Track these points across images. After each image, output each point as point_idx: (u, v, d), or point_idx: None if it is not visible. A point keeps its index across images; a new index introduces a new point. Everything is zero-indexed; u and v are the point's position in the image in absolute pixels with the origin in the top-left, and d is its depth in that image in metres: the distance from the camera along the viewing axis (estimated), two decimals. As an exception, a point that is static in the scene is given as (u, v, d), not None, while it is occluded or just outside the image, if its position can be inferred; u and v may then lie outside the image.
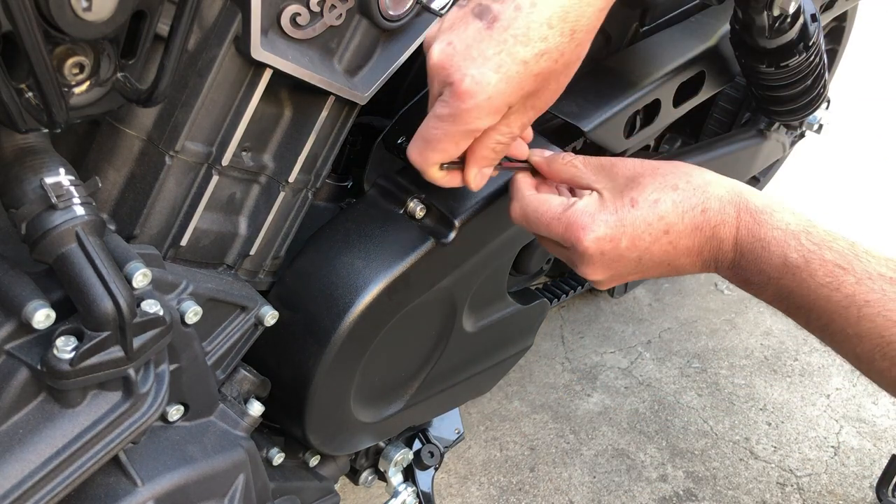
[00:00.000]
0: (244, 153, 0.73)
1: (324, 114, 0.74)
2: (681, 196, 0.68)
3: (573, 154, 0.76)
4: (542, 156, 0.77)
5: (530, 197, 0.74)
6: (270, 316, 0.80)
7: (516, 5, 0.61)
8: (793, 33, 1.06)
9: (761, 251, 0.66)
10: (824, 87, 1.21)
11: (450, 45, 0.63)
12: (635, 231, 0.68)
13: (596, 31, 0.66)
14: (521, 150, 0.76)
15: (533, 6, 0.61)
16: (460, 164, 0.71)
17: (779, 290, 0.66)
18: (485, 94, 0.62)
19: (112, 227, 0.68)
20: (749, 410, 1.71)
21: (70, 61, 0.55)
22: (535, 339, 1.15)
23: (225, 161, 0.70)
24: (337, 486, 1.04)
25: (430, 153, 0.67)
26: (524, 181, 0.75)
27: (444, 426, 1.20)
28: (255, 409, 0.81)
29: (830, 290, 0.63)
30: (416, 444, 1.16)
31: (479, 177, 0.72)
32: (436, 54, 0.64)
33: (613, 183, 0.71)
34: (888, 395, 0.67)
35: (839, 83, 1.61)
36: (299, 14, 0.66)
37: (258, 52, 0.64)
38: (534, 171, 0.77)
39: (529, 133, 0.77)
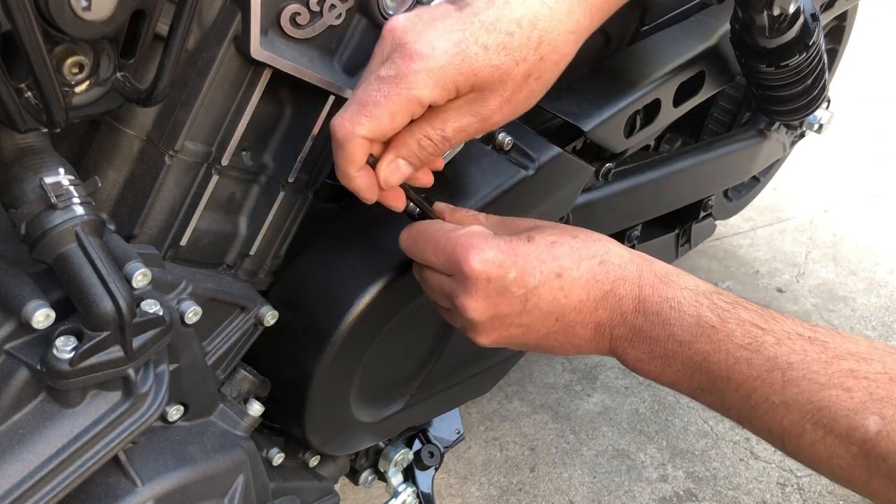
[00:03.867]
0: (244, 153, 0.73)
1: (324, 114, 0.74)
2: (580, 244, 0.64)
3: (475, 211, 0.75)
4: (447, 206, 0.75)
5: (424, 223, 0.71)
6: (270, 316, 0.80)
7: (489, 0, 0.60)
8: (793, 33, 1.06)
9: (670, 311, 0.60)
10: (824, 86, 1.21)
11: (416, 16, 0.61)
12: (527, 264, 0.63)
13: (566, 58, 0.64)
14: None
15: (506, 4, 0.60)
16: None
17: (690, 357, 0.59)
18: (436, 61, 0.59)
19: (112, 226, 0.68)
20: (749, 410, 1.71)
21: (70, 61, 0.55)
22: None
23: (225, 161, 0.70)
24: (337, 487, 1.04)
25: (362, 118, 0.61)
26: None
27: (444, 426, 1.20)
28: (255, 409, 0.81)
29: (751, 353, 0.57)
30: (416, 445, 1.16)
31: (393, 168, 0.65)
32: (398, 20, 0.61)
33: (513, 232, 0.68)
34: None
35: (839, 83, 1.61)
36: (299, 14, 0.66)
37: (258, 51, 0.64)
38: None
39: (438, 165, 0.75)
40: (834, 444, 0.54)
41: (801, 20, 1.05)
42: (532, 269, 0.63)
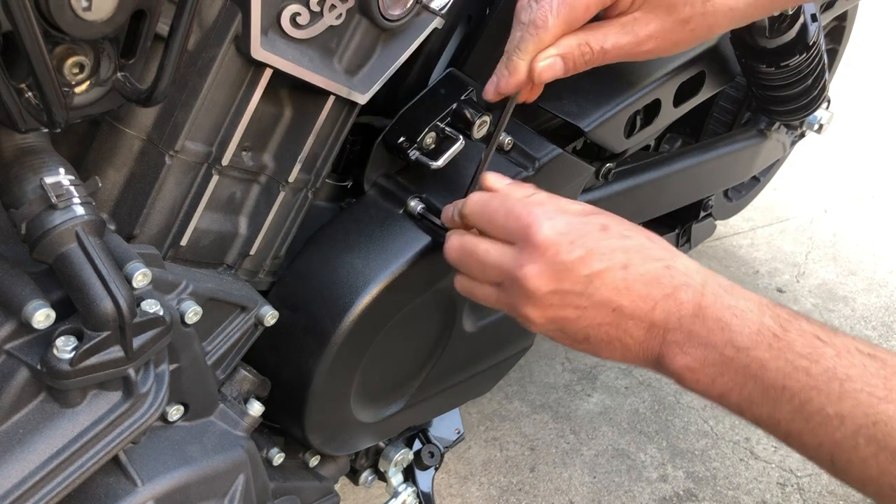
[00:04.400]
0: (244, 153, 0.73)
1: (324, 114, 0.74)
2: (651, 245, 0.64)
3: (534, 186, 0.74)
4: (501, 177, 0.74)
5: (491, 193, 0.71)
6: (270, 316, 0.80)
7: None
8: (793, 33, 1.06)
9: (731, 318, 0.59)
10: (824, 87, 1.21)
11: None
12: (596, 246, 0.63)
13: (719, 29, 0.71)
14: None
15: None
16: None
17: (747, 365, 0.58)
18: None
19: (112, 226, 0.68)
20: (749, 410, 1.71)
21: (70, 61, 0.55)
22: (535, 339, 1.15)
23: (225, 161, 0.70)
24: (337, 487, 1.04)
25: (562, 7, 0.68)
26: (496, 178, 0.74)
27: (444, 426, 1.20)
28: (255, 409, 0.81)
29: (810, 362, 0.56)
30: (417, 445, 1.16)
31: (551, 64, 0.71)
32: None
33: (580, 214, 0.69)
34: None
35: (839, 83, 1.61)
36: (299, 14, 0.66)
37: (258, 51, 0.64)
38: None
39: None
40: (887, 462, 0.53)
41: (801, 20, 1.05)
42: (601, 254, 0.63)
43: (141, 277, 0.60)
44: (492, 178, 0.74)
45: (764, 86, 1.17)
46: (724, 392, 0.60)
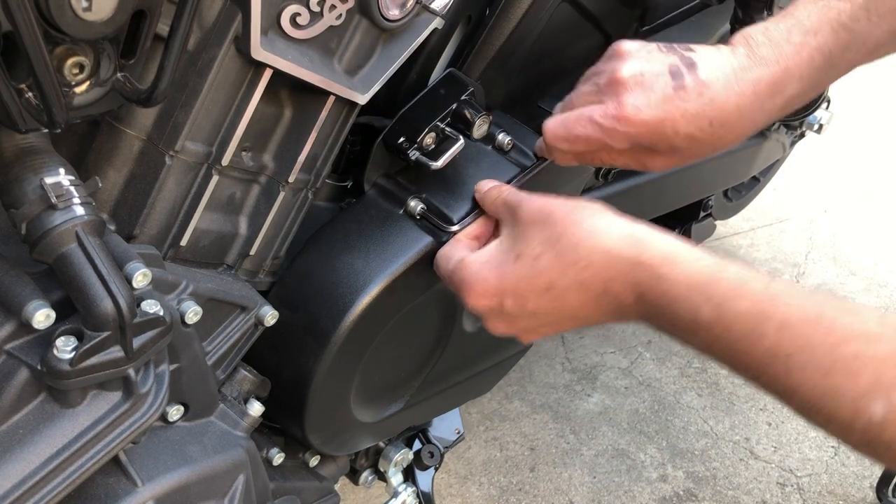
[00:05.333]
0: (244, 153, 0.73)
1: (324, 114, 0.74)
2: (561, 251, 0.64)
3: (508, 187, 0.76)
4: (483, 187, 0.79)
5: (440, 255, 0.76)
6: (270, 316, 0.80)
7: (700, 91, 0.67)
8: (793, 33, 1.06)
9: (667, 307, 0.59)
10: (824, 87, 1.21)
11: (640, 77, 0.68)
12: (517, 288, 0.65)
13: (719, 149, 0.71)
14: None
15: (711, 102, 0.67)
16: None
17: (696, 346, 0.59)
18: (643, 122, 0.67)
19: (112, 227, 0.68)
20: (749, 410, 1.71)
21: (70, 61, 0.55)
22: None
23: (225, 161, 0.70)
24: (337, 487, 1.04)
25: (571, 138, 0.70)
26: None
27: (444, 426, 1.20)
28: (255, 409, 0.81)
29: (750, 344, 0.55)
30: (417, 445, 1.16)
31: (562, 155, 0.75)
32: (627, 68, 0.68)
33: (512, 229, 0.70)
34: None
35: (839, 83, 1.61)
36: (299, 14, 0.66)
37: (258, 52, 0.64)
38: None
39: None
40: (837, 433, 0.53)
41: (801, 20, 1.05)
42: (524, 292, 0.65)
43: (141, 277, 0.60)
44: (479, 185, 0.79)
45: (764, 86, 1.17)
46: (699, 352, 0.62)
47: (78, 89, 0.56)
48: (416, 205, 0.83)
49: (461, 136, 0.82)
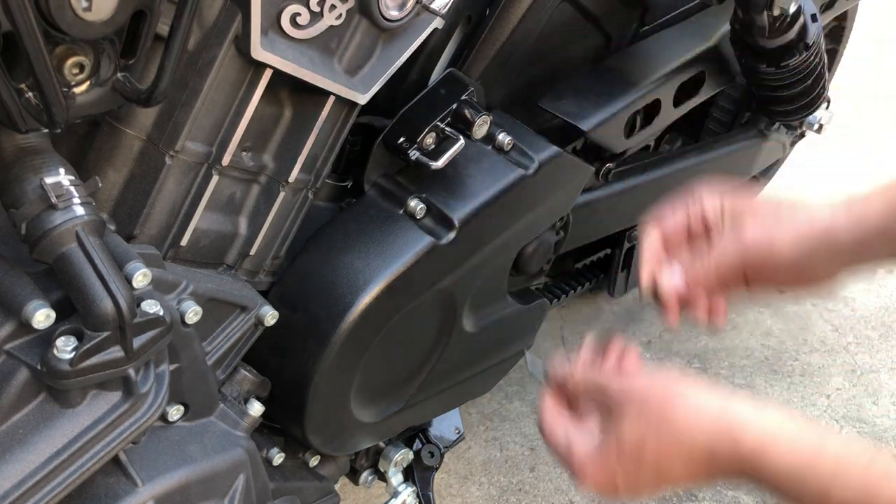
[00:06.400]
0: (244, 153, 0.73)
1: (324, 114, 0.74)
2: (665, 440, 0.66)
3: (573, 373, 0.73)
4: (559, 375, 0.74)
5: (545, 422, 0.73)
6: (270, 316, 0.80)
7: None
8: (792, 33, 1.06)
9: (771, 489, 0.62)
10: (824, 87, 1.21)
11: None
12: (627, 480, 0.68)
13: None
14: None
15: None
16: None
17: None
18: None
19: (112, 227, 0.68)
20: (749, 410, 1.71)
21: (70, 61, 0.55)
22: (534, 339, 1.15)
23: (225, 161, 0.70)
24: (337, 487, 1.04)
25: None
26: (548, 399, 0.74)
27: (444, 426, 1.20)
28: (255, 409, 0.81)
29: None
30: (417, 445, 1.16)
31: (668, 275, 0.79)
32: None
33: (607, 415, 0.70)
34: (888, 395, 0.62)
35: (839, 83, 1.61)
36: (299, 14, 0.66)
37: (258, 52, 0.64)
38: None
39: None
40: None
41: (800, 20, 1.05)
42: (633, 481, 0.67)
43: (141, 277, 0.60)
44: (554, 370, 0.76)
45: (764, 86, 1.17)
46: None
47: (78, 89, 0.56)
48: (416, 205, 0.83)
49: (461, 136, 0.82)
